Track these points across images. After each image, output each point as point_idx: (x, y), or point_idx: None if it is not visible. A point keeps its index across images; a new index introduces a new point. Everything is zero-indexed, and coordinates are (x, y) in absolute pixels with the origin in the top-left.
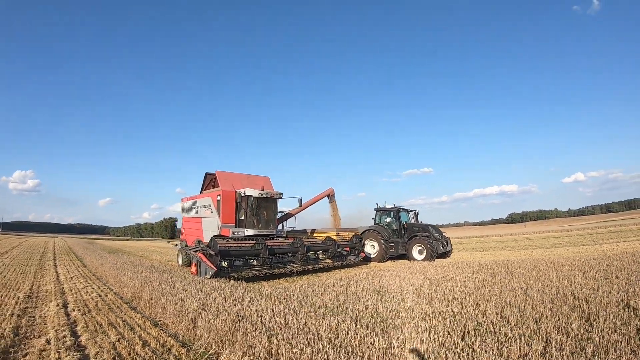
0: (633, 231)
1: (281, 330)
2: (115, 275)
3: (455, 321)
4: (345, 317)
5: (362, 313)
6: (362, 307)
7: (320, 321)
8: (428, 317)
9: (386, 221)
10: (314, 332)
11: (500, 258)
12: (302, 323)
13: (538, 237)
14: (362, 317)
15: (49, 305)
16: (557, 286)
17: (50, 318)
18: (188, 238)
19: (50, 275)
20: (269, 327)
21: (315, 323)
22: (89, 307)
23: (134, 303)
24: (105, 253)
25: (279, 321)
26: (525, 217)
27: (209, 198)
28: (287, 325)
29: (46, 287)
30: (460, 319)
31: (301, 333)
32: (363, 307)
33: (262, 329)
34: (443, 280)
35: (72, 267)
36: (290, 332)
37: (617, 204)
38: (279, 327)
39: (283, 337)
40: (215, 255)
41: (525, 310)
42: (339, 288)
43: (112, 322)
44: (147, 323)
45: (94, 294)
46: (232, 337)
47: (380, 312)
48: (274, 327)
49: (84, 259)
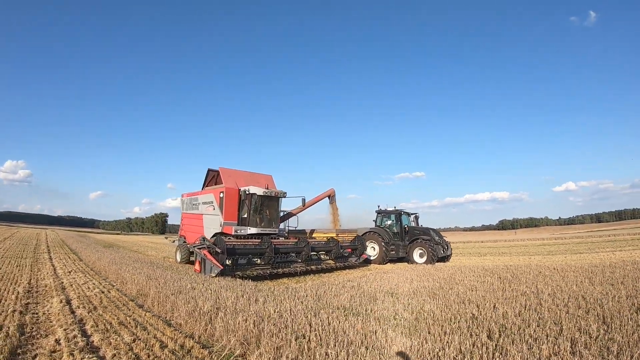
0: (627, 241)
1: (308, 332)
2: (116, 271)
3: (477, 323)
4: (367, 319)
5: (382, 314)
6: (381, 309)
7: (344, 322)
8: (450, 318)
9: (387, 223)
10: (341, 333)
11: (501, 263)
12: (326, 324)
13: (533, 244)
14: (385, 319)
15: (52, 302)
16: (567, 291)
17: (55, 315)
18: (188, 235)
19: (47, 268)
20: (293, 328)
21: (340, 324)
22: (93, 304)
23: (140, 300)
24: (100, 247)
25: (301, 322)
26: (515, 224)
27: (211, 195)
28: (312, 327)
29: (45, 282)
30: (482, 320)
31: (330, 334)
32: (381, 309)
33: (287, 330)
34: (453, 284)
35: (68, 260)
36: (317, 333)
37: (607, 214)
38: (303, 328)
39: (312, 338)
40: (221, 253)
41: (542, 312)
42: (350, 289)
43: (122, 321)
44: (160, 322)
45: (96, 290)
46: (256, 338)
47: (400, 314)
48: (299, 328)
49: (79, 253)
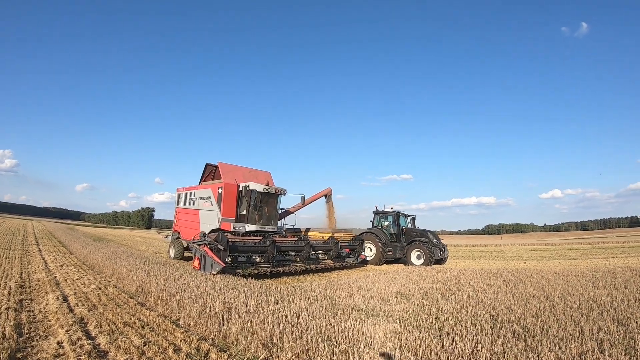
0: (617, 248)
1: (332, 333)
2: (111, 266)
3: (499, 324)
4: (387, 319)
5: (402, 315)
6: (398, 309)
7: (367, 324)
8: (469, 319)
9: (384, 224)
10: (367, 334)
11: (499, 267)
12: (349, 325)
13: (525, 249)
14: (405, 320)
15: (47, 298)
16: (576, 294)
17: (53, 314)
18: (182, 230)
19: (37, 261)
20: (315, 329)
21: (363, 326)
22: (92, 301)
23: (141, 298)
24: (90, 240)
25: (322, 323)
26: (501, 229)
27: (209, 190)
28: (335, 328)
29: (37, 276)
30: (503, 321)
31: (356, 336)
32: (399, 310)
33: (310, 332)
34: (460, 285)
35: (59, 253)
36: (344, 335)
37: (593, 223)
38: (326, 329)
39: (339, 340)
40: (224, 250)
41: (557, 314)
42: (358, 290)
43: (127, 322)
44: (167, 323)
45: (93, 286)
46: (278, 340)
47: (419, 315)
48: (322, 330)
49: (69, 246)
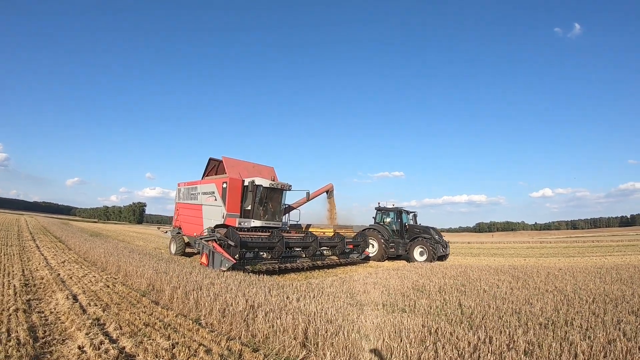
0: (613, 247)
1: (370, 330)
2: (115, 262)
3: (523, 316)
4: (414, 314)
5: (429, 310)
6: (423, 305)
7: (401, 320)
8: (493, 313)
9: (386, 221)
10: (403, 330)
11: (501, 264)
12: (381, 321)
13: (521, 247)
14: (434, 314)
15: (56, 298)
16: (586, 289)
17: (66, 314)
18: (184, 225)
19: (37, 258)
20: (348, 325)
21: (397, 321)
22: (104, 300)
23: (154, 296)
24: (87, 236)
25: (353, 319)
26: (492, 227)
27: (212, 185)
28: (367, 323)
29: (40, 273)
30: (526, 315)
31: (396, 332)
32: (424, 305)
33: (346, 328)
34: (473, 281)
35: (57, 250)
36: (381, 331)
37: (583, 222)
38: (359, 325)
39: (379, 335)
40: (234, 246)
41: (575, 307)
42: (373, 285)
43: (147, 322)
44: (189, 323)
45: (100, 284)
46: (314, 338)
47: (443, 309)
48: (355, 326)
49: (67, 242)
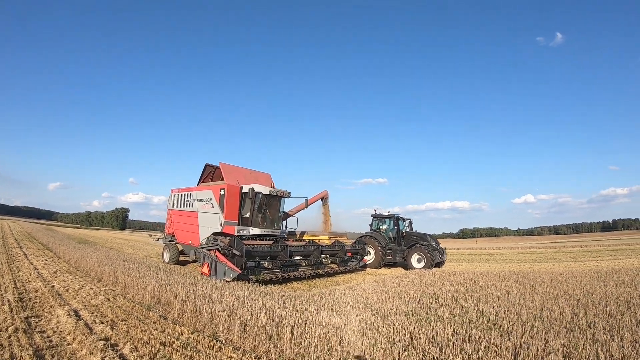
0: (602, 251)
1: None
2: (111, 273)
3: (547, 321)
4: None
5: (454, 318)
6: (446, 313)
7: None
8: (515, 318)
9: (382, 228)
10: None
11: (500, 270)
12: (415, 330)
13: (512, 252)
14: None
15: (56, 314)
16: (595, 292)
17: (71, 334)
18: (178, 233)
19: (26, 268)
20: (386, 336)
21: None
22: (109, 316)
23: (160, 310)
24: (74, 243)
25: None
26: (476, 233)
27: (209, 191)
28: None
29: (33, 286)
30: (549, 318)
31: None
32: (446, 313)
33: (392, 339)
34: (481, 287)
35: (46, 258)
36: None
37: (565, 227)
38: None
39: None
40: (240, 256)
41: (591, 310)
42: (385, 294)
43: (164, 341)
44: (209, 340)
45: (100, 297)
46: None
47: (467, 316)
48: (394, 338)
49: (55, 249)
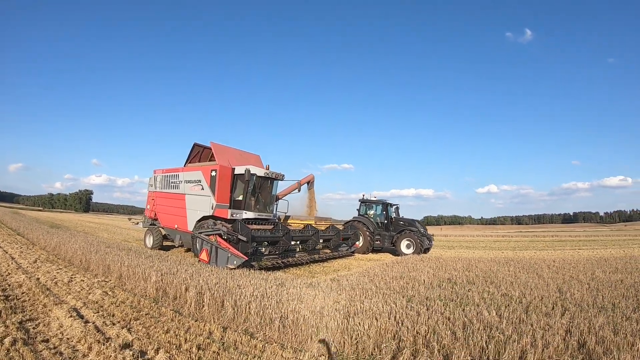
0: (575, 241)
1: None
2: (100, 261)
3: (570, 302)
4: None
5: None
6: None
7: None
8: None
9: (370, 213)
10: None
11: (489, 256)
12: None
13: (488, 240)
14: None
15: (55, 315)
16: (597, 278)
17: (82, 341)
18: (162, 217)
19: (1, 257)
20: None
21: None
22: (117, 315)
23: (169, 303)
24: (47, 228)
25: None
26: (440, 221)
27: (199, 172)
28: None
29: (15, 279)
30: (573, 300)
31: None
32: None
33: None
34: (490, 273)
35: (21, 245)
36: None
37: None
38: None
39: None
40: (245, 242)
41: (605, 293)
42: (403, 280)
43: (200, 345)
44: (247, 338)
45: (98, 291)
46: (393, 340)
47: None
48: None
49: (27, 235)
